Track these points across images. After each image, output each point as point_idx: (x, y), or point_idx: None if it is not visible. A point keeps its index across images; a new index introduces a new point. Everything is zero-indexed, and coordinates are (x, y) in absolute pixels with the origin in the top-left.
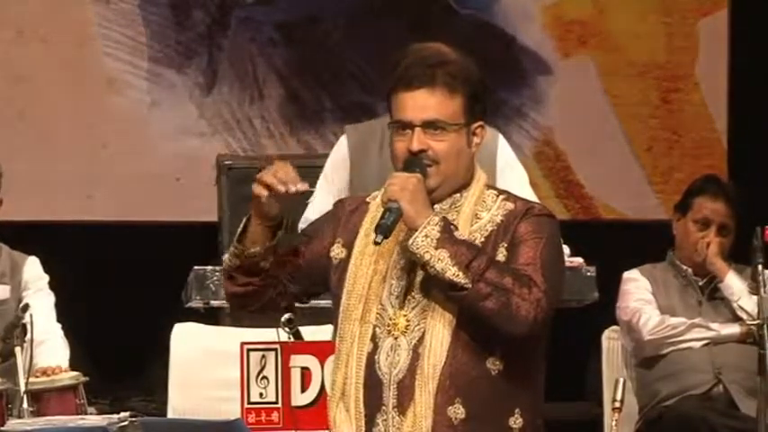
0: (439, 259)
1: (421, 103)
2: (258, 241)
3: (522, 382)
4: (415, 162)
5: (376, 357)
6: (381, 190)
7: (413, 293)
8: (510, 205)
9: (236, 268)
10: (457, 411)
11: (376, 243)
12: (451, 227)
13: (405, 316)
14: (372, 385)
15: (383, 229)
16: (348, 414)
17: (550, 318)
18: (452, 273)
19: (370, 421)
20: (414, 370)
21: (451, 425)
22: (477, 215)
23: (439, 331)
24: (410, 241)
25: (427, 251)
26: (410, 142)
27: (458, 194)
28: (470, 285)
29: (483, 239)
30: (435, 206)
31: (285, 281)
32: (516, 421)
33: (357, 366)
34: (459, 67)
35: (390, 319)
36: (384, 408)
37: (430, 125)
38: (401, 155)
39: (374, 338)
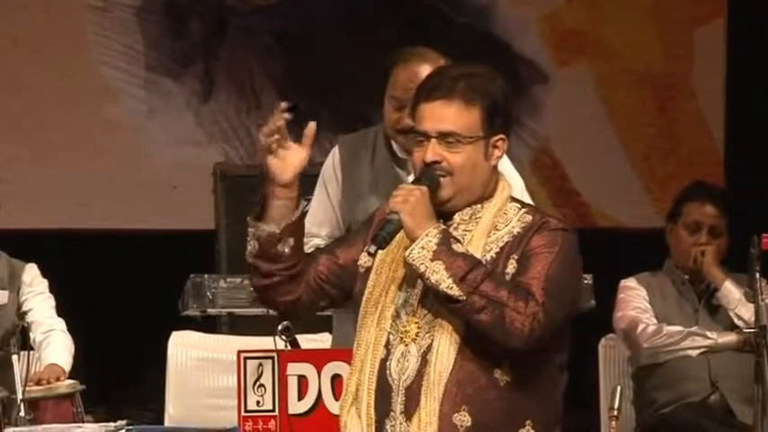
0: (434, 271)
1: (438, 114)
2: (276, 219)
3: (534, 395)
4: (427, 173)
5: (387, 363)
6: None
7: (425, 301)
8: (528, 218)
9: (257, 255)
10: (463, 419)
11: (369, 253)
12: (451, 239)
13: (416, 323)
14: (383, 391)
15: (378, 240)
16: (359, 419)
17: (563, 331)
18: (447, 285)
19: (380, 427)
20: (421, 376)
21: None
22: (496, 227)
23: (446, 339)
24: (407, 253)
25: (423, 263)
26: (425, 153)
27: (478, 205)
28: (464, 298)
29: (498, 250)
30: (455, 216)
31: (324, 284)
32: None
33: (370, 372)
34: (480, 80)
35: (403, 327)
36: (392, 413)
37: (445, 137)
38: (417, 165)
39: (387, 345)
